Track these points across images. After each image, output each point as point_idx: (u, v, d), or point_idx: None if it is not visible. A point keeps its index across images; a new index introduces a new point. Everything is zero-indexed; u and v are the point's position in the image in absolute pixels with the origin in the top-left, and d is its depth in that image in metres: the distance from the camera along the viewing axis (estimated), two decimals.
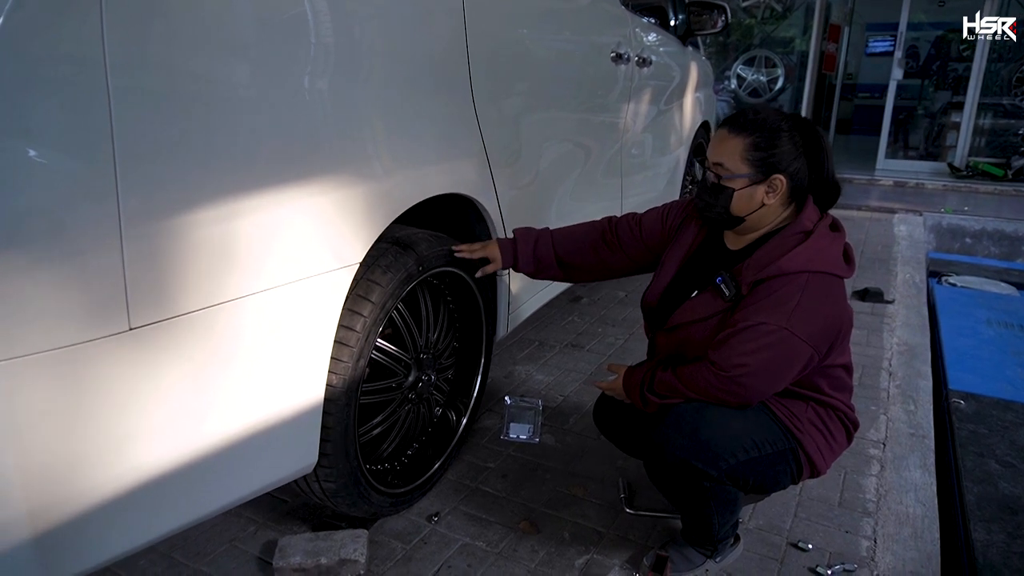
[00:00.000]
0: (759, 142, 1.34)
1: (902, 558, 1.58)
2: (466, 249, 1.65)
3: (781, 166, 1.35)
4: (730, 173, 1.36)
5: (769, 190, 1.36)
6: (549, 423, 2.15)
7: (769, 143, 1.34)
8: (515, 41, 1.92)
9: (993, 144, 7.44)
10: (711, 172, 1.40)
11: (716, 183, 1.38)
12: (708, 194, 1.40)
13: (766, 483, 1.40)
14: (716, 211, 1.40)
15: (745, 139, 1.35)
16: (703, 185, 1.42)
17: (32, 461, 0.92)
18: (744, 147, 1.35)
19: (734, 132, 1.36)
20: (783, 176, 1.35)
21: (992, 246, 5.28)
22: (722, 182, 1.37)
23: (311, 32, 1.21)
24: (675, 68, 3.33)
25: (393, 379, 1.63)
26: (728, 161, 1.36)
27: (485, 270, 1.70)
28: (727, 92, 8.82)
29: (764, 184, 1.36)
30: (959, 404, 2.39)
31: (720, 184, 1.38)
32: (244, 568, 1.53)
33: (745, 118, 1.37)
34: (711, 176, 1.40)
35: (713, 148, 1.40)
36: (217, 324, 1.09)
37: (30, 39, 0.82)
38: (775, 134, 1.34)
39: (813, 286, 1.30)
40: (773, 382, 1.32)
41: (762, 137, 1.34)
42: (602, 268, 1.70)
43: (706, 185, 1.41)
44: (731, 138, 1.36)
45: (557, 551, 1.59)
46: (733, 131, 1.36)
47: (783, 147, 1.34)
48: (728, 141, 1.37)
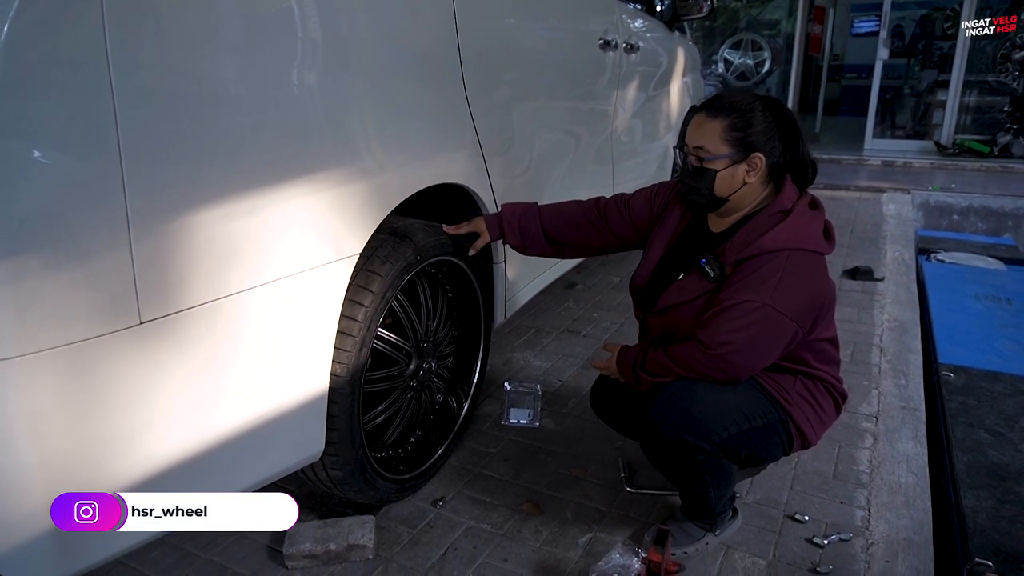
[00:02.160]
0: (736, 123, 1.38)
1: (895, 526, 1.63)
2: (453, 227, 1.68)
3: (758, 145, 1.39)
4: (711, 155, 1.39)
5: (749, 169, 1.40)
6: (548, 407, 2.18)
7: (745, 123, 1.38)
8: (505, 31, 1.94)
9: (979, 121, 7.50)
10: (692, 156, 1.43)
11: (698, 166, 1.41)
12: (691, 178, 1.43)
13: (758, 455, 1.44)
14: (700, 193, 1.43)
15: (722, 121, 1.38)
16: (685, 170, 1.45)
17: (50, 454, 0.95)
18: (722, 128, 1.38)
19: (711, 115, 1.39)
20: (761, 154, 1.38)
21: (979, 222, 5.34)
22: (704, 164, 1.40)
23: (307, 28, 1.23)
24: (662, 54, 3.35)
25: (395, 367, 1.66)
26: (708, 143, 1.39)
27: (475, 245, 1.72)
28: (715, 76, 8.84)
29: (744, 163, 1.39)
30: (949, 377, 2.43)
31: (702, 167, 1.41)
32: (254, 556, 1.56)
33: (720, 101, 1.41)
34: (692, 160, 1.42)
35: (692, 133, 1.43)
36: (224, 317, 1.11)
37: (35, 42, 0.84)
38: (750, 114, 1.38)
39: (794, 263, 1.34)
40: (759, 358, 1.36)
41: (738, 118, 1.38)
42: (589, 246, 1.74)
43: (688, 169, 1.44)
44: (709, 121, 1.39)
45: (561, 530, 1.63)
46: (710, 114, 1.40)
47: (758, 126, 1.38)
48: (706, 124, 1.40)
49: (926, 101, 8.10)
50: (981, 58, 7.40)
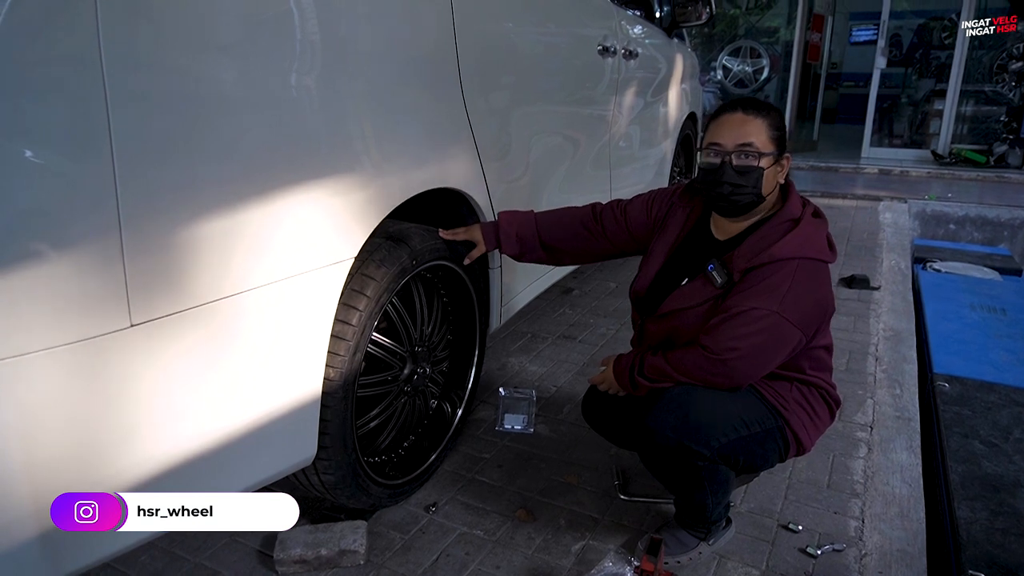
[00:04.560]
0: (776, 122, 1.40)
1: (889, 537, 1.62)
2: (450, 232, 1.67)
3: (786, 146, 1.41)
4: (759, 152, 1.38)
5: (780, 170, 1.42)
6: (543, 413, 2.18)
7: (781, 122, 1.41)
8: (503, 35, 1.94)
9: (975, 131, 7.53)
10: (736, 154, 1.38)
11: (747, 164, 1.38)
12: (737, 176, 1.38)
13: (755, 461, 1.44)
14: (745, 192, 1.39)
15: (766, 119, 1.39)
16: (723, 170, 1.39)
17: (37, 457, 0.94)
18: (767, 126, 1.39)
19: (752, 113, 1.39)
20: (789, 155, 1.41)
21: (975, 232, 5.36)
22: (758, 162, 1.38)
23: (302, 30, 1.23)
24: (661, 60, 3.35)
25: (389, 372, 1.65)
26: (757, 140, 1.38)
27: (471, 255, 1.72)
28: (713, 83, 8.85)
29: (778, 164, 1.41)
30: (944, 387, 2.44)
31: (752, 164, 1.38)
32: (245, 561, 1.55)
33: (756, 101, 1.42)
34: (735, 159, 1.38)
35: (733, 131, 1.39)
36: (216, 320, 1.10)
37: (28, 40, 0.83)
38: (778, 116, 1.41)
39: (802, 272, 1.34)
40: (762, 365, 1.36)
41: (777, 117, 1.41)
42: (586, 253, 1.74)
43: (730, 169, 1.38)
44: (752, 119, 1.38)
45: (553, 538, 1.62)
46: (750, 112, 1.39)
47: (785, 129, 1.41)
48: (751, 122, 1.38)
49: (923, 110, 8.13)
50: (978, 68, 7.44)
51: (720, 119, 1.42)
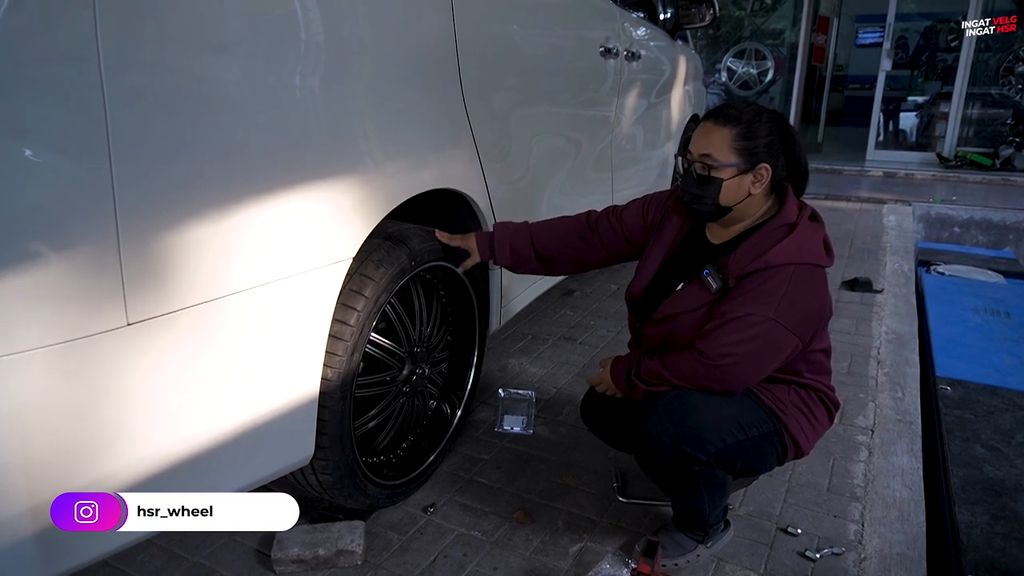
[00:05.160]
0: (744, 132, 1.37)
1: (889, 541, 1.62)
2: (446, 236, 1.66)
3: (763, 156, 1.38)
4: (718, 163, 1.38)
5: (755, 180, 1.39)
6: (542, 415, 2.17)
7: (753, 133, 1.37)
8: (504, 36, 1.94)
9: (981, 134, 7.50)
10: (697, 164, 1.41)
11: (704, 174, 1.40)
12: (696, 186, 1.42)
13: (753, 465, 1.43)
14: (704, 202, 1.42)
15: (731, 130, 1.37)
16: (689, 178, 1.44)
17: (32, 456, 0.94)
18: (731, 137, 1.37)
19: (719, 123, 1.39)
20: (767, 165, 1.38)
21: (980, 235, 5.33)
22: (711, 173, 1.39)
23: (302, 30, 1.23)
24: (664, 62, 3.35)
25: (387, 372, 1.65)
26: (716, 151, 1.38)
27: (465, 264, 1.71)
28: (717, 85, 8.84)
29: (750, 174, 1.38)
30: (946, 390, 2.42)
31: (708, 175, 1.40)
32: (243, 560, 1.55)
33: (728, 111, 1.40)
34: (698, 168, 1.41)
35: (698, 140, 1.42)
36: (213, 319, 1.10)
37: (26, 40, 0.84)
38: (757, 125, 1.38)
39: (799, 277, 1.33)
40: (758, 370, 1.35)
41: (747, 127, 1.37)
42: (582, 262, 1.72)
43: (692, 178, 1.42)
44: (717, 129, 1.39)
45: (551, 539, 1.62)
46: (718, 123, 1.39)
47: (765, 138, 1.38)
48: (714, 132, 1.39)
49: (929, 113, 8.10)
50: (984, 71, 7.40)
51: (698, 126, 1.44)
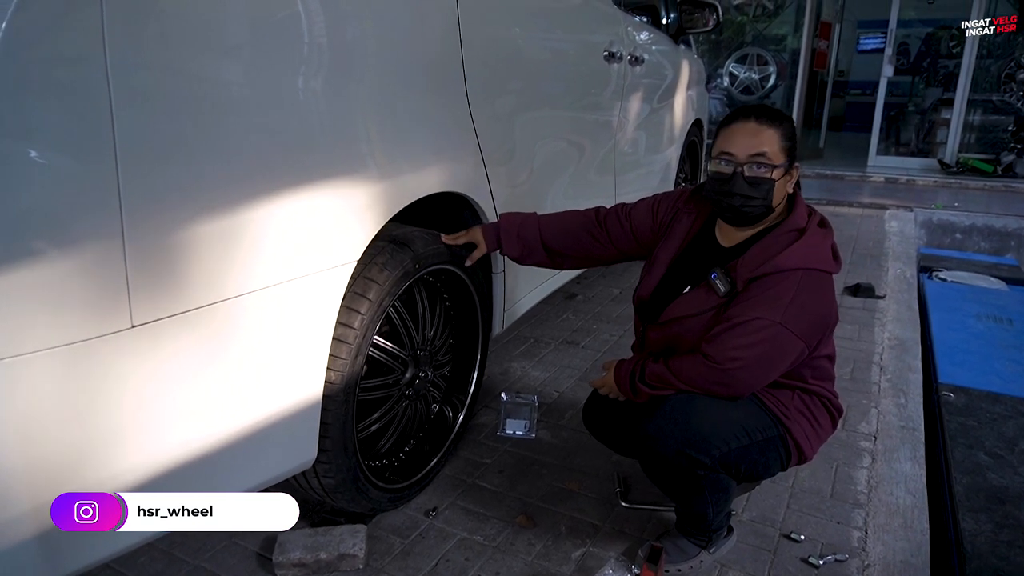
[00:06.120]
0: (788, 131, 1.38)
1: (892, 548, 1.61)
2: (451, 237, 1.66)
3: (795, 156, 1.40)
4: (771, 163, 1.36)
5: (789, 179, 1.41)
6: (545, 419, 2.17)
7: (793, 133, 1.39)
8: (509, 40, 1.94)
9: (982, 140, 7.50)
10: (749, 165, 1.36)
11: (758, 176, 1.36)
12: (748, 188, 1.36)
13: (757, 470, 1.43)
14: (757, 203, 1.38)
15: (778, 129, 1.37)
16: (735, 181, 1.37)
17: (36, 457, 0.94)
18: (780, 136, 1.37)
19: (765, 123, 1.36)
20: (798, 165, 1.40)
21: (982, 241, 5.33)
22: (765, 174, 1.36)
23: (308, 33, 1.23)
24: (667, 66, 3.35)
25: (391, 376, 1.64)
26: (770, 150, 1.36)
27: (472, 256, 1.71)
28: (720, 90, 8.85)
29: (788, 174, 1.40)
30: (949, 397, 2.42)
31: (760, 176, 1.36)
32: (244, 564, 1.55)
33: (768, 110, 1.39)
34: (749, 169, 1.36)
35: (744, 141, 1.37)
36: (217, 321, 1.10)
37: (33, 41, 0.84)
38: (793, 125, 1.40)
39: (807, 283, 1.33)
40: (764, 375, 1.35)
41: (789, 127, 1.39)
42: (589, 257, 1.72)
43: (742, 179, 1.36)
44: (765, 129, 1.36)
45: (554, 544, 1.61)
46: (763, 122, 1.37)
47: (795, 138, 1.40)
48: (763, 132, 1.36)
49: (930, 119, 8.11)
50: (986, 77, 7.41)
51: (732, 127, 1.39)
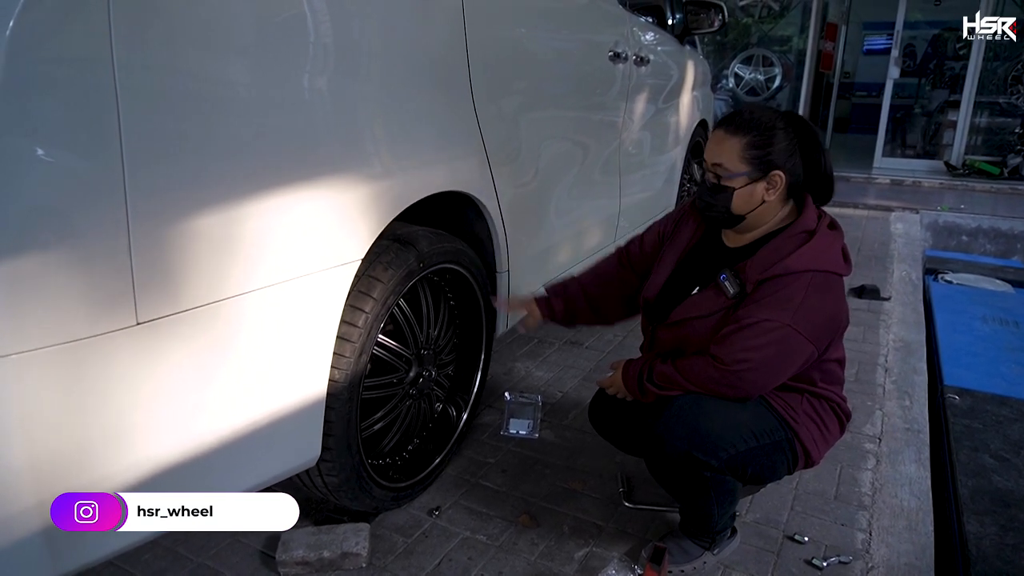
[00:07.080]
0: (756, 140, 1.37)
1: (896, 550, 1.60)
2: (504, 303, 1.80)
3: (778, 163, 1.37)
4: (729, 172, 1.38)
5: (768, 187, 1.38)
6: (548, 419, 2.17)
7: (765, 141, 1.36)
8: (514, 40, 1.94)
9: (989, 142, 7.47)
10: (710, 173, 1.41)
11: (716, 183, 1.40)
12: (708, 195, 1.42)
13: (764, 473, 1.42)
14: (717, 211, 1.42)
15: (742, 138, 1.37)
16: (703, 186, 1.44)
17: (41, 453, 0.94)
18: (742, 146, 1.37)
19: (731, 132, 1.38)
20: (781, 172, 1.37)
21: (988, 244, 5.31)
22: (722, 182, 1.39)
23: (313, 32, 1.23)
24: (673, 67, 3.35)
25: (394, 375, 1.65)
26: (727, 161, 1.38)
27: (527, 324, 1.75)
28: (725, 91, 8.83)
29: (763, 181, 1.38)
30: (954, 399, 2.41)
31: (720, 184, 1.39)
32: (247, 562, 1.55)
33: (741, 118, 1.39)
34: (710, 177, 1.41)
35: (711, 149, 1.42)
36: (222, 319, 1.10)
37: (40, 40, 0.84)
38: (771, 132, 1.37)
39: (816, 285, 1.32)
40: (773, 377, 1.35)
41: (759, 135, 1.37)
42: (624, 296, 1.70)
43: (706, 186, 1.43)
44: (728, 138, 1.38)
45: (557, 544, 1.61)
46: (729, 131, 1.38)
47: (779, 144, 1.37)
48: (726, 141, 1.38)
49: (936, 121, 8.08)
50: (992, 79, 7.38)
51: (712, 133, 1.44)
